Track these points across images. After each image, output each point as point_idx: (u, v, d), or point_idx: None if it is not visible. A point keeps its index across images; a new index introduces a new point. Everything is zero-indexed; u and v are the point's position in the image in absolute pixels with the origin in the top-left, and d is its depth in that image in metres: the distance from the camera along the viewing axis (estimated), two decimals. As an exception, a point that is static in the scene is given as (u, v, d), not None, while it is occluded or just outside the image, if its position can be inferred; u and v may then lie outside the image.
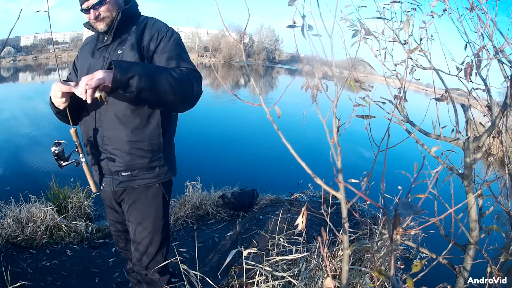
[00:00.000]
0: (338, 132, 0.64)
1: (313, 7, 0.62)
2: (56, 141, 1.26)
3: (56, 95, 1.12)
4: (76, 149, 1.29)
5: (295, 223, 0.63)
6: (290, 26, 0.66)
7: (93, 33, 1.33)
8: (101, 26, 1.23)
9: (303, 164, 0.59)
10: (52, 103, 1.19)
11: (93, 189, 1.34)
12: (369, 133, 0.88)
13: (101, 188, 1.35)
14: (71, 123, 1.24)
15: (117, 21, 1.21)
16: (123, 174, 1.28)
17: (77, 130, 1.27)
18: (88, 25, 1.28)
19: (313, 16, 0.63)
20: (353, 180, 0.70)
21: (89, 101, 1.02)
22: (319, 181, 0.60)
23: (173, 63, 1.18)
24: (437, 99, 1.13)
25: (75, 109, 1.26)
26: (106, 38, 1.26)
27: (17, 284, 1.57)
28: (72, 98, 1.16)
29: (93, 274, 2.11)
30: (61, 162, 1.26)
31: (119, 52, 1.21)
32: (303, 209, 0.62)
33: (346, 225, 0.63)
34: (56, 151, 1.24)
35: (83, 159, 1.29)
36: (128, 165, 1.27)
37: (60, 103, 1.14)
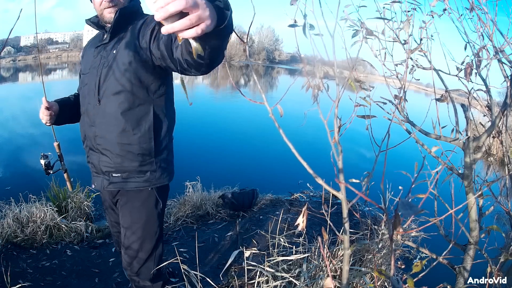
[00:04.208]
0: (339, 132, 0.64)
1: (315, 6, 0.62)
2: (42, 154, 1.46)
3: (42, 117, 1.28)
4: (58, 159, 1.50)
5: (296, 223, 0.63)
6: (292, 26, 0.66)
7: (95, 32, 1.33)
8: (110, 15, 1.19)
9: (304, 164, 0.59)
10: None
11: (69, 188, 1.58)
12: (370, 134, 0.88)
13: (93, 186, 1.36)
14: (55, 137, 1.45)
15: (114, 20, 1.18)
16: (113, 175, 1.27)
17: (59, 144, 1.49)
18: (89, 22, 1.27)
19: (315, 15, 0.64)
20: (353, 180, 0.70)
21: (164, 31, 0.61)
22: (320, 181, 0.60)
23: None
24: (437, 100, 1.13)
25: (71, 114, 1.38)
26: (105, 36, 1.24)
27: (17, 286, 1.56)
28: (63, 111, 1.34)
29: (93, 274, 2.11)
30: (49, 171, 1.48)
31: (114, 51, 1.19)
32: (303, 209, 0.63)
33: (347, 225, 0.63)
34: (46, 163, 1.46)
35: (65, 167, 1.53)
36: (118, 166, 1.25)
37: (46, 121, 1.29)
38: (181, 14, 0.58)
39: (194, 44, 0.65)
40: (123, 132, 1.20)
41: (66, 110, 1.37)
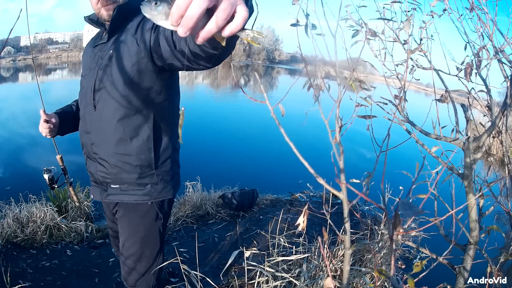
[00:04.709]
0: (340, 132, 0.65)
1: (317, 6, 0.62)
2: (45, 169, 1.42)
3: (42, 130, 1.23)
4: (62, 173, 1.44)
5: (296, 223, 0.63)
6: (294, 25, 0.66)
7: (96, 31, 1.26)
8: (108, 12, 1.09)
9: (306, 163, 0.59)
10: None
11: (76, 203, 1.56)
12: (371, 134, 0.88)
13: (91, 196, 1.31)
14: (57, 150, 1.40)
15: (112, 17, 1.08)
16: (112, 186, 1.18)
17: (62, 156, 1.42)
18: (88, 19, 1.18)
19: (316, 15, 0.64)
20: (354, 180, 0.70)
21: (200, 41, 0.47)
22: (321, 181, 0.60)
23: None
24: (438, 100, 1.13)
25: (73, 124, 1.30)
26: (104, 35, 1.15)
27: (18, 286, 1.57)
28: (64, 122, 1.27)
29: (93, 274, 2.11)
30: (54, 185, 1.44)
31: (111, 51, 1.09)
32: (304, 208, 0.63)
33: (348, 225, 0.63)
34: (50, 177, 1.42)
35: (70, 180, 1.49)
36: (115, 178, 1.16)
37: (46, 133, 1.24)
38: (207, 13, 0.44)
39: (249, 34, 0.47)
40: (120, 142, 1.11)
41: (68, 121, 1.30)
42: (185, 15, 0.42)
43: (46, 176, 1.40)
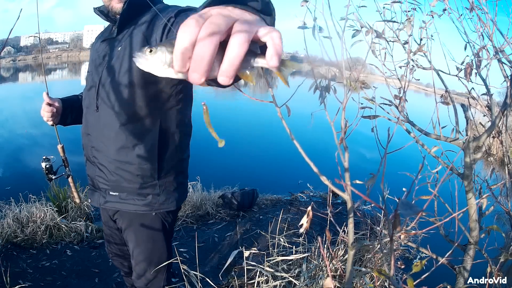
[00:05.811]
0: (346, 134, 0.65)
1: (322, 8, 0.62)
2: (44, 157, 1.31)
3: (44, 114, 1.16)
4: (63, 164, 1.32)
5: (300, 223, 0.63)
6: (301, 27, 0.66)
7: (96, 32, 1.27)
8: (119, 5, 1.02)
9: (311, 164, 0.59)
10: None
11: (76, 200, 1.40)
12: (375, 136, 0.87)
13: (89, 201, 1.27)
14: (58, 139, 1.28)
15: (122, 11, 1.01)
16: (110, 193, 1.12)
17: (63, 146, 1.30)
18: (97, 11, 1.10)
19: (324, 17, 0.64)
20: (357, 182, 0.70)
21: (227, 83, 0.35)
22: (326, 182, 0.60)
23: None
24: (442, 103, 1.13)
25: (78, 114, 1.21)
26: (113, 29, 1.07)
27: (18, 286, 1.56)
28: (68, 109, 1.20)
29: (93, 274, 2.11)
30: (51, 175, 1.32)
31: (119, 49, 1.01)
32: (308, 209, 0.63)
33: (351, 226, 0.63)
34: (47, 166, 1.30)
35: (70, 173, 1.35)
36: (114, 185, 1.10)
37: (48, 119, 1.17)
38: (222, 48, 0.32)
39: (285, 71, 0.36)
40: (122, 149, 1.04)
41: (72, 110, 1.24)
42: (194, 56, 0.32)
43: (43, 165, 1.30)
